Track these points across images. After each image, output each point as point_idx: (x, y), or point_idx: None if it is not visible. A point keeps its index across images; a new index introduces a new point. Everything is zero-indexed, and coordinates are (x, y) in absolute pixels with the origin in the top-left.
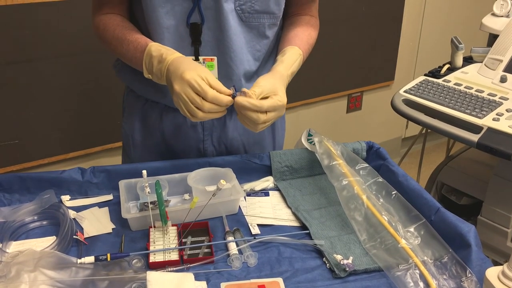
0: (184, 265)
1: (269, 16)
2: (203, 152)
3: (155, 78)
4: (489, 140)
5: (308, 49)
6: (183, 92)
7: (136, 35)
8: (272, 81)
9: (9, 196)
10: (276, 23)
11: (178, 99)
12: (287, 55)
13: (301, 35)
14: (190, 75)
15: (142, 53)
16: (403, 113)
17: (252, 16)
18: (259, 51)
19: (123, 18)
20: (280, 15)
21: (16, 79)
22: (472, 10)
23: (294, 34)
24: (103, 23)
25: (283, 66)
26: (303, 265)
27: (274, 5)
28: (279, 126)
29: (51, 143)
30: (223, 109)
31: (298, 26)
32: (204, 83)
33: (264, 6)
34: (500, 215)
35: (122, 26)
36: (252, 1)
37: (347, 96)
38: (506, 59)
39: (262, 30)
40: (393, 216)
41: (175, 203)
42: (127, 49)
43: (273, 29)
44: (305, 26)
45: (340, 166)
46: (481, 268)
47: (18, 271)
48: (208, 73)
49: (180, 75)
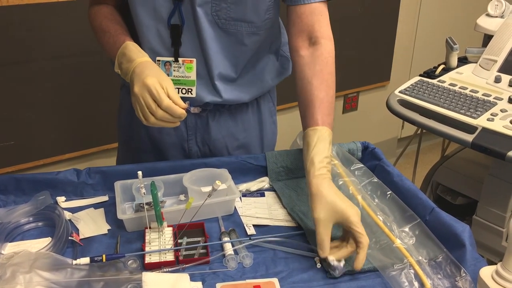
0: (180, 266)
1: (247, 25)
2: (188, 151)
3: (123, 75)
4: (483, 140)
5: (330, 97)
6: (141, 95)
7: (119, 30)
8: (327, 207)
9: (4, 198)
10: (256, 33)
11: (136, 100)
12: (312, 151)
13: (318, 94)
14: (151, 81)
15: (117, 49)
16: (398, 114)
17: (229, 23)
18: (237, 57)
19: (113, 10)
20: (261, 25)
21: (12, 80)
22: (467, 11)
23: (312, 95)
24: (94, 12)
25: (315, 169)
26: (299, 265)
27: (252, 14)
28: (269, 131)
29: (47, 144)
30: (176, 120)
31: (314, 78)
32: (162, 91)
33: (240, 14)
34: (495, 215)
35: (108, 18)
36: (227, 8)
37: (343, 96)
38: (501, 59)
39: (240, 38)
40: (388, 216)
41: (170, 204)
42: (107, 41)
43: (252, 38)
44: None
45: (335, 167)
46: (475, 267)
47: (14, 272)
48: (169, 83)
49: (143, 79)
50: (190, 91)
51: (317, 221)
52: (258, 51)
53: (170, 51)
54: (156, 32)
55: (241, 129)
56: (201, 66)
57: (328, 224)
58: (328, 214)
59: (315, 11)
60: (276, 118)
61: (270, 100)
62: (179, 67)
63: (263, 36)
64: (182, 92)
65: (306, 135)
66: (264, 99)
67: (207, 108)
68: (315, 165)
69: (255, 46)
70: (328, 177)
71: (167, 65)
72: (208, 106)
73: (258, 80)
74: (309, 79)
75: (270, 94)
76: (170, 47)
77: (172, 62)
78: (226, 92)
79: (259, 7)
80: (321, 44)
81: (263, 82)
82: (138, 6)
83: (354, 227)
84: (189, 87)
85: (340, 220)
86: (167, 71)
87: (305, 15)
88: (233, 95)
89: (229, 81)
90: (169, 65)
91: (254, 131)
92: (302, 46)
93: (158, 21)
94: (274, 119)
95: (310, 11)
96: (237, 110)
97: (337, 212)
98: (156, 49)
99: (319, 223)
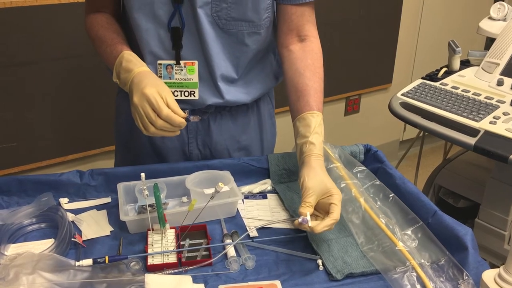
0: (182, 268)
1: (248, 24)
2: (189, 155)
3: (121, 84)
4: (486, 143)
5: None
6: (140, 105)
7: (115, 39)
8: (318, 180)
9: (8, 199)
10: (257, 32)
11: (135, 111)
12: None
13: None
14: (150, 91)
15: (115, 58)
16: (400, 116)
17: (230, 23)
18: (238, 57)
19: (109, 18)
20: (261, 24)
21: (14, 82)
22: (469, 14)
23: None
24: (90, 22)
25: (316, 149)
26: (301, 268)
27: (252, 14)
28: (268, 132)
29: (49, 146)
30: (175, 129)
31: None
32: (161, 101)
33: (241, 14)
34: (497, 218)
35: (104, 27)
36: (228, 8)
37: (345, 99)
38: (503, 62)
39: (241, 38)
40: (391, 219)
41: (173, 206)
42: (104, 50)
43: (253, 38)
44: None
45: (337, 169)
46: (478, 270)
47: (17, 273)
48: (168, 93)
49: (142, 89)
50: (193, 93)
51: (306, 189)
52: (258, 50)
53: (171, 54)
54: (156, 35)
55: (242, 131)
56: (203, 68)
57: (314, 194)
58: (316, 186)
59: (305, 12)
60: (275, 120)
61: (269, 102)
62: (181, 70)
63: (263, 35)
64: (185, 94)
65: (304, 117)
66: (263, 101)
67: (208, 111)
68: (316, 146)
69: (256, 45)
70: (323, 160)
71: (168, 68)
72: (210, 109)
73: (259, 80)
74: (301, 71)
75: (269, 96)
76: (171, 50)
77: (173, 65)
78: (228, 93)
79: (259, 6)
80: (311, 41)
81: (264, 82)
82: (136, 11)
83: (333, 201)
84: (191, 89)
85: (324, 195)
86: (169, 74)
87: (295, 16)
88: (235, 96)
89: (230, 82)
90: (171, 68)
91: (254, 133)
92: (291, 42)
93: (157, 24)
94: (273, 121)
95: (300, 13)
96: (238, 112)
97: (325, 187)
98: (157, 53)
99: (307, 190)
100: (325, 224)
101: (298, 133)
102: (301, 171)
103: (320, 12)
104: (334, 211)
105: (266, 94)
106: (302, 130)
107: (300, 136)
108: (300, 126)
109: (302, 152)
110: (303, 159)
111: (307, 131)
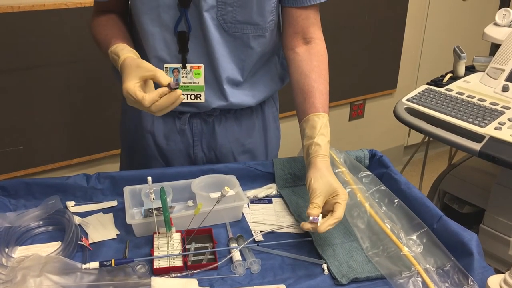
0: (188, 271)
1: (253, 27)
2: (193, 158)
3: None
4: (491, 149)
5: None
6: (129, 103)
7: (109, 35)
8: (324, 180)
9: (15, 202)
10: (262, 34)
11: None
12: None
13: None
14: (125, 89)
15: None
16: (405, 122)
17: (235, 26)
18: (244, 60)
19: (109, 17)
20: (266, 27)
21: (21, 86)
22: (474, 20)
23: (311, 86)
24: (93, 25)
25: (322, 150)
26: (306, 272)
27: (257, 16)
28: (273, 135)
29: (56, 149)
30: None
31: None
32: (140, 94)
33: (246, 17)
34: (502, 224)
35: (103, 24)
36: (233, 12)
37: (349, 104)
38: (508, 68)
39: (246, 41)
40: (396, 224)
41: (179, 210)
42: (104, 51)
43: (258, 40)
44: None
45: (343, 174)
46: (483, 276)
47: (24, 276)
48: (144, 71)
49: (123, 86)
50: (199, 96)
51: (313, 190)
52: (263, 53)
53: (177, 58)
54: (163, 40)
55: (246, 134)
56: (209, 71)
57: (321, 195)
58: (323, 186)
59: (310, 15)
60: (279, 124)
61: (274, 106)
62: (187, 74)
63: (268, 38)
64: (191, 98)
65: (309, 119)
66: (268, 104)
67: (213, 114)
68: (322, 147)
69: (261, 48)
70: (329, 161)
71: (175, 72)
72: (215, 112)
73: (264, 82)
74: (307, 73)
75: (273, 99)
76: (177, 54)
77: (180, 68)
78: (233, 96)
79: (264, 9)
80: (316, 43)
81: (269, 85)
82: (143, 15)
83: (337, 201)
84: (198, 92)
85: (331, 195)
86: (176, 78)
87: (301, 18)
88: (240, 99)
89: (236, 84)
90: (177, 72)
91: (259, 136)
92: (297, 44)
93: (164, 28)
94: (278, 124)
95: (306, 15)
96: (243, 115)
97: (331, 188)
98: (163, 57)
99: (315, 192)
100: (328, 223)
101: (304, 134)
102: (308, 173)
103: (325, 17)
104: (337, 210)
105: (270, 97)
106: (308, 131)
107: (306, 137)
108: (306, 128)
109: (308, 153)
110: (309, 161)
111: (313, 133)
